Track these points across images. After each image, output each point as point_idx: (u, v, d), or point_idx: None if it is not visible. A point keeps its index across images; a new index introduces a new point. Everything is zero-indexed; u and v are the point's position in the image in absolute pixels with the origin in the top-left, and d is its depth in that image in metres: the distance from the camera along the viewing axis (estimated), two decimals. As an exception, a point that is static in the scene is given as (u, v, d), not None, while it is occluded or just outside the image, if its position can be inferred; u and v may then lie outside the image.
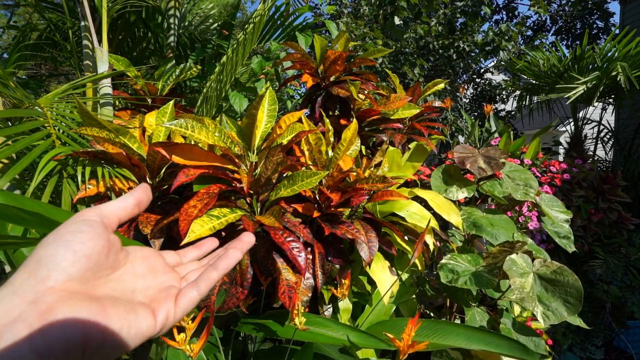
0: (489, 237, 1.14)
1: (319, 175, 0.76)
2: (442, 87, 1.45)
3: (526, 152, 2.09)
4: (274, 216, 0.70)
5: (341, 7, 4.81)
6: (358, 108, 1.25)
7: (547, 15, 7.01)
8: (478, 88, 6.00)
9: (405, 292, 1.10)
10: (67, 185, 0.78)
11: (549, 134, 7.03)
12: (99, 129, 0.75)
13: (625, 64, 2.70)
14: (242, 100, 1.63)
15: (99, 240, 0.27)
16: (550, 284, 0.94)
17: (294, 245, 0.73)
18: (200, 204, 0.69)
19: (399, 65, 4.54)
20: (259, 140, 0.83)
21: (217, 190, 0.72)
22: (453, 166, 1.33)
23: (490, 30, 4.60)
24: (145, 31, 1.89)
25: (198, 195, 0.71)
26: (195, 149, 0.73)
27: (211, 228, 0.67)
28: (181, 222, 0.67)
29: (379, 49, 1.25)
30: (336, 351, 0.82)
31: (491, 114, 2.02)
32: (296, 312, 0.66)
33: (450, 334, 0.80)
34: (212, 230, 0.67)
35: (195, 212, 0.68)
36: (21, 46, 1.52)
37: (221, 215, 0.70)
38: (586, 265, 2.23)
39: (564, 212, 1.41)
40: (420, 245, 0.80)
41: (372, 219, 0.95)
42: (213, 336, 0.76)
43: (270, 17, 1.81)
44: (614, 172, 2.48)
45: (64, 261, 0.24)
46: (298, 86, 3.23)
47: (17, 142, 0.75)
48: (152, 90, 1.21)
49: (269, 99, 0.87)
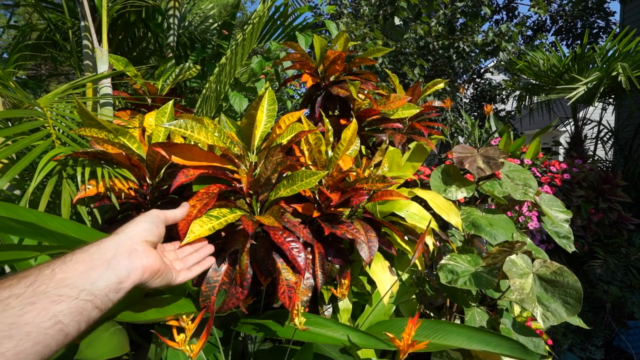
0: (488, 237, 1.14)
1: (318, 175, 0.76)
2: (442, 87, 1.44)
3: (526, 152, 2.08)
4: (274, 216, 0.70)
5: (341, 7, 4.82)
6: (358, 108, 1.25)
7: (547, 15, 7.01)
8: (478, 88, 6.00)
9: (405, 292, 1.10)
10: (67, 186, 0.78)
11: (549, 134, 7.04)
12: (98, 129, 0.75)
13: (626, 64, 2.70)
14: (242, 100, 1.63)
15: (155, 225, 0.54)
16: (550, 284, 0.94)
17: (293, 246, 0.73)
18: (200, 204, 0.69)
19: (399, 66, 4.54)
20: (259, 140, 0.83)
21: (217, 191, 0.72)
22: (452, 166, 1.33)
23: (490, 31, 4.60)
24: (145, 31, 1.89)
25: (197, 195, 0.71)
26: (195, 149, 0.73)
27: (210, 228, 0.67)
28: (180, 222, 0.67)
29: (379, 48, 1.25)
30: (336, 351, 0.82)
31: (491, 114, 2.01)
32: (296, 312, 0.66)
33: (450, 333, 0.80)
34: (211, 230, 0.67)
35: (195, 212, 0.68)
36: (21, 46, 1.51)
37: (220, 215, 0.70)
38: (586, 266, 2.23)
39: (563, 212, 1.41)
40: (420, 246, 0.79)
41: (372, 219, 0.95)
42: (213, 336, 0.76)
43: (270, 17, 1.81)
44: (614, 172, 2.48)
45: (140, 230, 0.50)
46: (298, 86, 3.23)
47: (16, 143, 0.75)
48: (152, 90, 1.21)
49: (268, 99, 0.87)
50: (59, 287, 0.37)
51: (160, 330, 0.72)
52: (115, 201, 0.77)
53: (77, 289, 0.38)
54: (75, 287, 0.38)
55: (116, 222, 0.82)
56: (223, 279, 0.74)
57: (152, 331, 0.66)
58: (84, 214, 0.78)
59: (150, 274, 0.47)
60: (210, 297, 0.72)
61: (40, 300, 0.36)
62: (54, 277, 0.38)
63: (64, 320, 0.36)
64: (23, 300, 0.35)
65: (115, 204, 0.77)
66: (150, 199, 0.84)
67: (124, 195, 0.80)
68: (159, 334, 0.54)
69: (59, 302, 0.37)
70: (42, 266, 0.39)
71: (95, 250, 0.43)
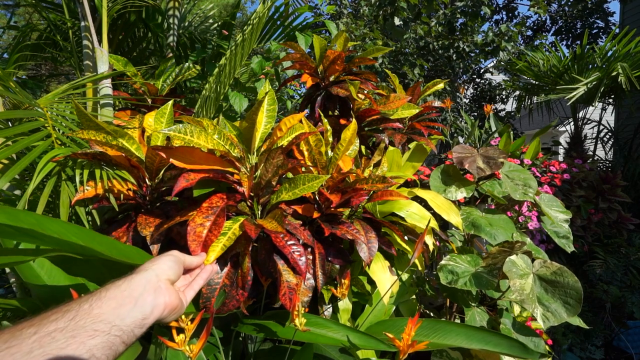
0: (487, 237, 1.14)
1: (320, 179, 0.76)
2: (442, 87, 1.44)
3: (526, 152, 2.08)
4: (277, 220, 0.70)
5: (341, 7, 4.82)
6: (358, 108, 1.25)
7: (547, 16, 7.00)
8: (478, 88, 6.00)
9: (405, 292, 1.10)
10: (66, 187, 0.78)
11: (549, 134, 7.04)
12: (96, 131, 0.75)
13: (626, 64, 2.70)
14: (242, 100, 1.63)
15: (177, 264, 0.56)
16: (550, 285, 0.94)
17: (294, 249, 0.73)
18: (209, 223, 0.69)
19: (399, 66, 4.54)
20: (259, 141, 0.83)
21: (222, 205, 0.72)
22: (452, 166, 1.33)
23: (490, 31, 4.60)
24: (145, 31, 1.89)
25: (202, 210, 0.71)
26: (196, 151, 0.73)
27: (222, 247, 0.68)
28: (190, 242, 0.66)
29: (378, 48, 1.25)
30: (336, 351, 0.82)
31: (491, 114, 2.01)
32: (297, 313, 0.66)
33: (450, 333, 0.80)
34: (223, 249, 0.68)
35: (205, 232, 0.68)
36: (21, 46, 1.51)
37: (226, 229, 0.70)
38: (586, 266, 2.23)
39: (563, 212, 1.41)
40: (420, 246, 0.79)
41: (372, 219, 0.95)
42: (213, 336, 0.76)
43: (270, 17, 1.81)
44: (614, 172, 2.48)
45: (165, 268, 0.53)
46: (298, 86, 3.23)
47: (16, 143, 0.75)
48: (151, 90, 1.21)
49: (268, 100, 0.87)
50: (95, 322, 0.41)
51: (159, 331, 0.72)
52: (114, 202, 0.77)
53: (110, 324, 0.42)
54: (108, 323, 0.42)
55: (116, 223, 0.81)
56: (224, 281, 0.74)
57: (151, 331, 0.66)
58: (82, 215, 0.78)
59: (170, 311, 0.51)
60: (211, 299, 0.72)
61: (79, 334, 0.39)
62: (92, 312, 0.42)
63: (96, 354, 0.40)
64: (66, 333, 0.39)
65: (114, 205, 0.77)
66: (150, 200, 0.84)
67: (123, 196, 0.80)
68: (159, 335, 0.54)
69: (94, 337, 0.40)
70: (82, 301, 0.43)
71: (126, 287, 0.47)
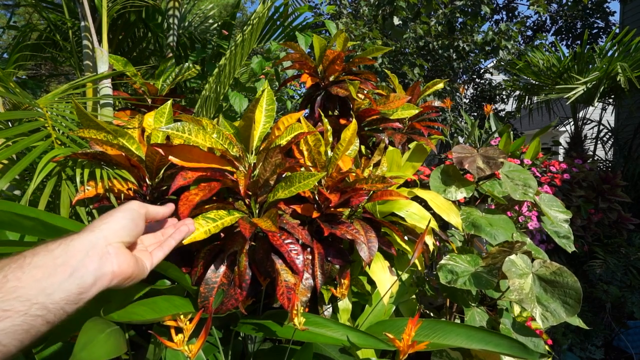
0: (487, 237, 1.14)
1: (316, 176, 0.76)
2: (442, 87, 1.44)
3: (526, 152, 2.08)
4: (271, 219, 0.70)
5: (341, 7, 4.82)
6: (357, 108, 1.25)
7: (547, 15, 7.00)
8: (478, 88, 6.00)
9: (405, 292, 1.10)
10: (66, 187, 0.78)
11: (549, 134, 7.03)
12: (96, 130, 0.75)
13: (626, 64, 2.70)
14: (242, 100, 1.63)
15: (134, 222, 0.47)
16: (549, 285, 0.94)
17: (292, 248, 0.73)
18: (202, 193, 0.68)
19: (398, 66, 4.54)
20: (257, 140, 0.83)
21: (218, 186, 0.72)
22: (452, 166, 1.33)
23: (490, 30, 4.60)
24: (145, 31, 1.89)
25: (199, 186, 0.71)
26: (195, 149, 0.73)
27: (206, 231, 0.66)
28: (181, 206, 0.65)
29: (378, 47, 1.25)
30: (336, 351, 0.82)
31: (491, 114, 2.01)
32: (295, 313, 0.66)
33: (450, 333, 0.80)
34: (207, 233, 0.66)
35: (197, 199, 0.67)
36: (21, 46, 1.51)
37: (217, 217, 0.69)
38: (586, 266, 2.23)
39: (563, 212, 1.41)
40: (420, 246, 0.79)
41: (371, 219, 0.95)
42: (212, 336, 0.76)
43: (270, 17, 1.81)
44: (614, 172, 2.48)
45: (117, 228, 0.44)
46: (298, 86, 3.23)
47: (16, 143, 0.75)
48: (151, 90, 1.21)
49: (266, 99, 0.87)
50: (7, 299, 0.31)
51: (158, 330, 0.72)
52: (114, 202, 0.77)
53: (29, 302, 0.32)
54: (27, 300, 0.32)
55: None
56: (222, 280, 0.74)
57: (150, 331, 0.66)
58: (83, 215, 0.78)
59: (120, 280, 0.41)
60: (209, 298, 0.72)
61: None
62: (5, 285, 0.32)
63: (3, 340, 0.30)
64: None
65: (115, 205, 0.77)
66: (150, 200, 0.84)
67: (124, 196, 0.80)
68: (157, 334, 0.54)
69: (3, 319, 0.30)
70: None
71: (62, 251, 0.36)
